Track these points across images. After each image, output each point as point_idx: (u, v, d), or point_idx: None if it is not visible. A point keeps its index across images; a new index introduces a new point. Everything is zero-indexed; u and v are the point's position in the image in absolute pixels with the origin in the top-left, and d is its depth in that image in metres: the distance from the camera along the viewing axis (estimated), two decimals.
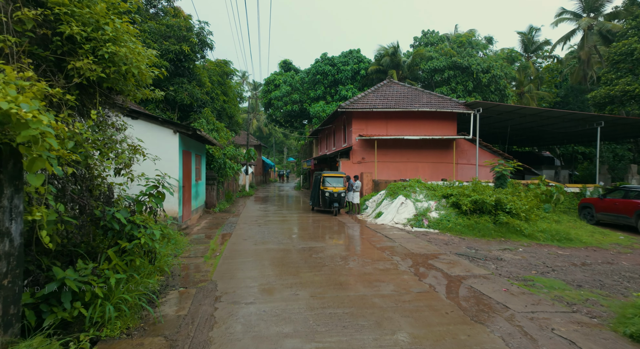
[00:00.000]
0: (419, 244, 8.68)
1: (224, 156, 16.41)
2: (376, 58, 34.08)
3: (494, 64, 30.03)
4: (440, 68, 30.43)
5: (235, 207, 17.26)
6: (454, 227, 10.68)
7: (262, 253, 7.53)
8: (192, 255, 7.29)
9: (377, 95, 19.71)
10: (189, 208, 11.26)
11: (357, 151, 18.69)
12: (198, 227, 10.92)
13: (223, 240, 9.02)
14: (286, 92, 36.08)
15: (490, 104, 17.46)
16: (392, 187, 13.77)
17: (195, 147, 12.41)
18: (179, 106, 16.34)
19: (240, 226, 11.24)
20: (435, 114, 18.88)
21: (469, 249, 8.58)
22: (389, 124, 18.93)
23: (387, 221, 11.99)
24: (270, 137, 70.63)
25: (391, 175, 18.69)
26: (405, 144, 18.75)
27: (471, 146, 19.36)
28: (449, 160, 19.18)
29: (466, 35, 34.32)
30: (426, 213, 11.78)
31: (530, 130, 23.25)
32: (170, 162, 9.80)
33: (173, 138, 9.84)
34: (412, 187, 13.29)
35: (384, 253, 7.57)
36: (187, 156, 10.94)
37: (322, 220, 12.90)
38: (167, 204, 9.75)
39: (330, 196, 14.12)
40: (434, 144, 18.97)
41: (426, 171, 18.93)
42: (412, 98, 19.38)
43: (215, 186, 15.17)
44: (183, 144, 10.44)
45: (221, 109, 19.30)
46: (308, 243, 8.61)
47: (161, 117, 9.69)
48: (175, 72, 15.14)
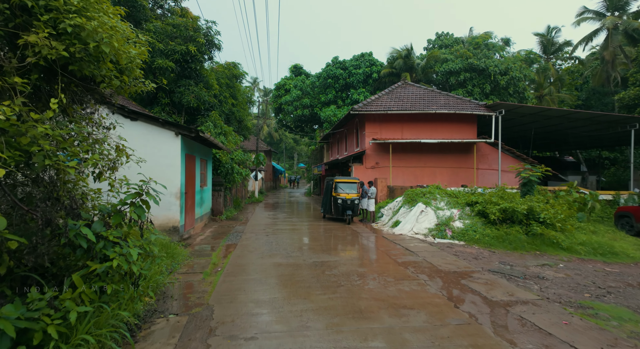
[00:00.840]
0: (446, 258, 7.69)
1: (232, 160, 15.71)
2: (389, 61, 33.24)
3: (512, 66, 28.85)
4: (456, 70, 29.41)
5: (244, 214, 16.48)
6: (482, 239, 9.64)
7: (268, 269, 6.66)
8: (190, 271, 6.47)
9: (392, 97, 18.81)
10: (192, 216, 10.50)
11: (370, 155, 17.77)
12: (202, 237, 10.14)
13: (227, 252, 8.19)
14: (297, 96, 35.48)
15: (514, 105, 16.38)
16: (410, 194, 12.79)
17: (200, 151, 11.70)
18: (186, 109, 15.74)
19: (246, 236, 10.42)
20: (454, 117, 17.87)
21: (503, 264, 7.56)
22: (404, 127, 17.99)
23: (405, 231, 11.01)
24: (280, 143, 70.23)
25: (407, 181, 17.69)
26: (422, 148, 17.75)
27: (492, 150, 18.24)
28: (468, 165, 18.09)
29: (482, 36, 33.24)
30: (449, 223, 10.77)
31: (553, 133, 21.98)
32: (171, 167, 9.08)
33: (174, 141, 9.12)
34: (432, 194, 12.30)
35: (407, 270, 6.62)
36: (190, 160, 10.22)
37: (335, 229, 11.99)
38: (168, 213, 9.03)
39: (343, 203, 13.22)
40: (453, 148, 17.93)
41: (444, 176, 17.87)
42: (429, 100, 18.41)
43: (222, 192, 14.44)
44: (186, 147, 9.72)
45: (229, 113, 18.68)
46: (320, 256, 7.72)
47: (162, 118, 9.00)
48: (181, 73, 14.57)
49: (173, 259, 6.78)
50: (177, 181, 9.09)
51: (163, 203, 9.00)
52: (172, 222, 9.07)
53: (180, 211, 9.14)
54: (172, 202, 9.04)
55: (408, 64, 31.55)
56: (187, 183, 9.91)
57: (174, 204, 9.06)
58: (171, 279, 5.81)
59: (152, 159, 9.06)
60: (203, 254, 7.84)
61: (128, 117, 8.86)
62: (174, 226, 9.07)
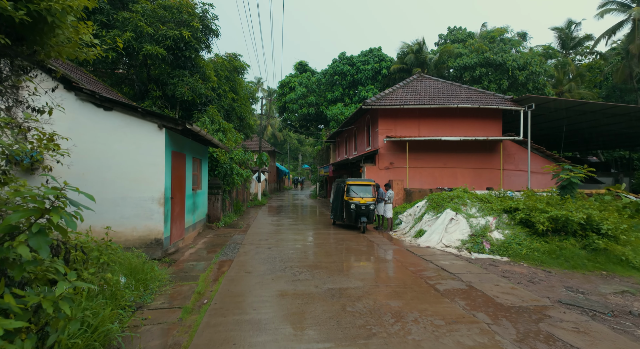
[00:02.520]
0: (498, 284, 5.99)
1: (231, 160, 14.11)
2: (399, 56, 31.56)
3: (531, 60, 27.05)
4: (471, 65, 27.70)
5: (244, 220, 14.87)
6: (530, 255, 7.92)
7: (270, 302, 5.02)
8: (165, 304, 4.84)
9: (407, 91, 17.13)
10: (181, 225, 8.89)
11: (384, 155, 16.10)
12: (192, 251, 8.52)
13: (219, 272, 6.56)
14: (302, 94, 33.90)
15: (546, 98, 14.63)
16: (434, 199, 11.09)
17: (193, 149, 10.11)
18: (180, 103, 14.17)
19: (245, 248, 8.79)
20: (476, 112, 16.15)
21: (571, 291, 5.86)
22: (421, 124, 16.29)
23: (433, 243, 9.31)
24: (284, 143, 68.70)
25: (424, 183, 15.99)
26: (441, 147, 16.05)
27: (519, 149, 16.48)
28: (493, 165, 16.35)
29: (498, 30, 31.46)
30: (485, 233, 9.06)
31: (579, 132, 20.13)
32: (152, 166, 7.48)
33: (157, 135, 7.52)
34: (461, 199, 10.60)
35: (456, 304, 4.94)
36: (179, 159, 8.62)
37: (348, 239, 10.33)
38: (149, 222, 7.43)
39: (357, 209, 11.55)
40: (476, 146, 16.20)
41: (466, 178, 16.15)
42: (449, 94, 16.71)
43: (220, 196, 12.84)
44: (172, 143, 8.12)
45: (230, 109, 17.09)
46: (336, 280, 6.06)
47: (142, 107, 7.40)
48: (175, 63, 13.00)
49: (145, 286, 5.15)
50: (159, 183, 7.49)
51: (143, 211, 7.42)
52: (155, 233, 7.47)
53: (164, 220, 7.53)
54: (153, 210, 7.44)
55: (420, 59, 29.85)
56: (175, 186, 8.30)
57: (156, 212, 7.45)
58: (135, 321, 4.18)
59: (129, 157, 7.48)
60: (188, 277, 6.21)
61: (101, 106, 7.28)
62: (157, 239, 7.46)
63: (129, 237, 7.37)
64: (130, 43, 11.36)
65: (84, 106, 7.26)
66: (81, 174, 7.18)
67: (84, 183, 7.19)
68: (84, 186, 7.52)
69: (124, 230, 7.35)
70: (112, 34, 11.33)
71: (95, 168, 7.27)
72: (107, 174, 7.30)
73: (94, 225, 7.21)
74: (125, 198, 7.36)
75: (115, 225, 7.31)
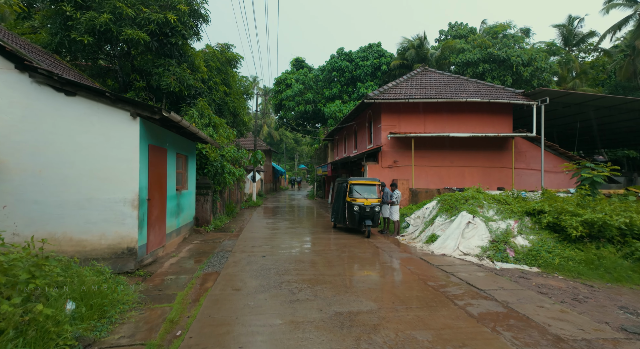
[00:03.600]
0: (543, 304, 4.91)
1: (222, 158, 12.95)
2: (399, 52, 30.56)
3: (536, 56, 26.17)
4: (474, 61, 26.79)
5: (237, 222, 13.72)
6: (564, 265, 6.87)
7: (261, 335, 3.90)
8: (124, 340, 3.71)
9: (412, 84, 16.09)
10: (161, 230, 7.73)
11: (387, 152, 15.03)
12: (173, 260, 7.38)
13: (201, 290, 5.44)
14: (299, 91, 32.76)
15: (561, 92, 13.65)
16: (447, 200, 10.02)
17: (177, 143, 8.96)
18: (167, 96, 13.00)
19: (235, 257, 7.66)
20: (486, 107, 15.14)
21: (628, 313, 4.82)
22: (427, 119, 15.25)
23: (449, 250, 8.24)
24: (281, 143, 67.52)
25: (431, 182, 14.95)
26: (448, 144, 15.01)
27: (531, 146, 15.50)
28: (503, 164, 15.34)
29: (501, 26, 30.55)
30: (508, 239, 8.01)
31: (588, 129, 19.18)
32: (124, 162, 6.33)
33: (130, 125, 6.37)
34: (477, 200, 9.55)
35: (501, 337, 3.85)
36: (158, 155, 7.47)
37: (352, 245, 9.23)
38: (120, 228, 6.28)
39: (361, 211, 10.46)
40: (485, 144, 15.19)
41: (475, 177, 15.13)
42: (456, 87, 15.68)
43: (209, 197, 11.69)
44: (150, 135, 6.97)
45: (222, 103, 15.92)
46: (344, 300, 4.97)
47: (111, 92, 6.24)
48: (160, 50, 11.83)
49: (102, 313, 4.02)
50: (133, 182, 6.34)
51: (113, 215, 6.27)
52: (127, 241, 6.31)
53: (138, 226, 6.38)
54: (126, 214, 6.29)
55: (421, 55, 28.86)
56: (153, 185, 7.15)
57: (129, 216, 6.30)
58: None
59: (97, 151, 6.30)
60: (163, 297, 5.07)
61: (61, 90, 6.12)
62: (129, 248, 6.31)
63: (96, 246, 6.22)
64: (108, 26, 10.18)
65: (42, 91, 6.09)
66: (37, 171, 6.03)
67: (41, 182, 6.05)
68: (41, 186, 6.36)
69: (89, 238, 6.20)
70: (88, 16, 10.15)
71: (55, 164, 6.11)
72: (69, 171, 6.15)
73: (53, 232, 6.08)
74: (92, 200, 6.20)
75: (79, 232, 6.17)
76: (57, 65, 9.17)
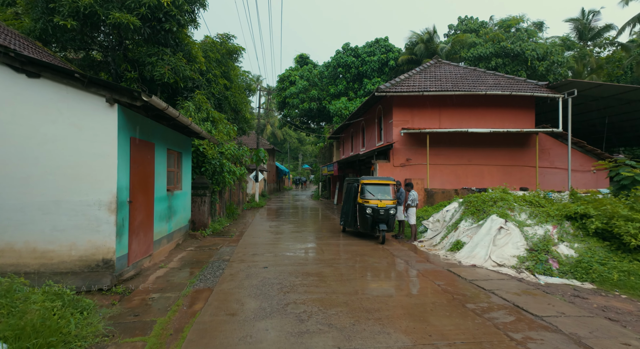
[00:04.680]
0: (628, 342, 3.80)
1: (222, 155, 11.92)
2: (407, 47, 29.42)
3: (552, 49, 24.96)
4: (486, 55, 25.65)
5: (238, 225, 12.70)
6: (625, 280, 5.75)
7: None
8: None
9: (426, 76, 14.98)
10: (147, 237, 6.70)
11: (399, 150, 13.94)
12: (161, 272, 6.34)
13: (188, 314, 4.39)
14: (303, 88, 31.69)
15: (591, 83, 12.48)
16: (472, 202, 8.91)
17: (168, 138, 7.93)
18: (162, 88, 12.01)
19: (233, 269, 6.62)
20: (506, 101, 14.00)
21: None
22: (442, 114, 14.14)
23: (479, 260, 7.14)
24: (284, 142, 66.53)
25: (446, 182, 13.84)
26: (466, 141, 13.89)
27: (555, 143, 14.33)
28: (524, 162, 14.19)
29: (514, 19, 29.30)
30: (549, 247, 6.90)
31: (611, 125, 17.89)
32: (99, 157, 5.30)
33: (107, 114, 5.34)
34: (506, 202, 8.43)
35: None
36: (143, 149, 6.44)
37: (365, 253, 8.16)
38: (94, 237, 5.26)
39: (374, 214, 9.37)
40: (505, 141, 14.05)
41: (494, 176, 13.99)
42: (474, 80, 14.55)
43: (207, 198, 10.66)
44: (132, 126, 5.94)
45: (222, 97, 14.91)
46: (367, 332, 3.91)
47: (81, 72, 5.21)
48: (153, 37, 10.83)
49: None
50: (110, 181, 5.31)
51: (85, 221, 5.24)
52: (102, 252, 5.29)
53: (116, 233, 5.35)
54: (101, 219, 5.26)
55: (430, 49, 27.72)
56: (137, 185, 6.12)
57: (105, 222, 5.28)
58: None
59: (66, 145, 5.26)
60: (137, 325, 4.03)
61: (22, 71, 5.10)
62: (105, 260, 5.28)
63: (65, 258, 5.20)
64: (93, 9, 9.19)
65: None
66: None
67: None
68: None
69: (57, 248, 5.18)
70: None
71: (14, 160, 5.10)
72: (32, 169, 5.13)
73: (12, 242, 5.06)
74: (60, 203, 5.18)
75: (44, 241, 5.15)
76: (39, 53, 8.19)
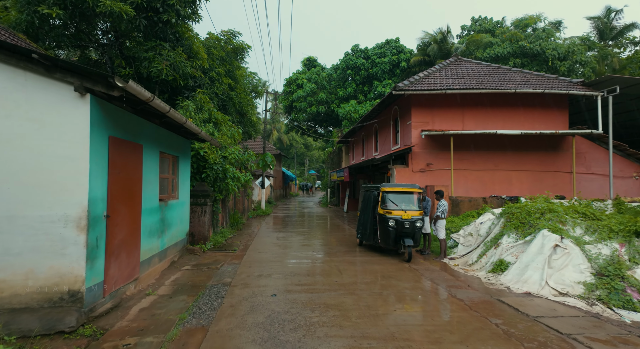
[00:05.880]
0: None
1: (225, 160, 10.81)
2: (419, 48, 28.30)
3: (574, 49, 23.67)
4: (504, 55, 24.47)
5: (242, 237, 11.54)
6: None
7: None
8: None
9: (446, 74, 13.80)
10: (131, 259, 5.54)
11: (419, 154, 12.72)
12: (146, 302, 5.18)
13: None
14: (310, 91, 30.68)
15: (637, 79, 11.17)
16: (515, 213, 7.64)
17: (160, 139, 6.83)
18: (160, 86, 10.99)
19: (234, 298, 5.43)
20: (536, 100, 12.75)
21: None
22: (465, 115, 12.92)
23: (534, 286, 5.86)
24: (290, 148, 65.54)
25: (471, 189, 12.57)
26: (491, 144, 12.64)
27: (592, 146, 13.00)
28: (557, 167, 12.87)
29: (531, 18, 28.09)
30: (621, 271, 5.61)
31: None
32: (66, 160, 4.21)
33: (76, 106, 4.25)
34: (556, 214, 7.16)
35: None
36: (126, 152, 5.32)
37: (391, 275, 6.92)
38: (59, 262, 4.15)
39: (398, 227, 8.13)
40: (536, 144, 12.77)
41: (524, 183, 12.70)
42: (500, 77, 13.34)
43: (207, 207, 9.54)
44: (112, 123, 4.83)
45: (226, 98, 13.87)
46: None
47: (43, 54, 4.13)
48: (150, 30, 9.84)
49: None
50: (80, 191, 4.20)
51: (47, 242, 4.09)
52: (68, 281, 4.16)
53: (87, 256, 4.22)
54: (67, 239, 4.15)
55: (444, 50, 26.56)
56: (117, 195, 5.00)
57: (73, 243, 4.15)
58: None
59: (23, 144, 4.11)
60: None
61: None
62: (72, 292, 4.15)
63: (19, 290, 4.07)
64: None
65: None
66: None
67: None
68: None
69: (9, 277, 4.06)
70: None
71: None
72: None
73: None
74: (14, 219, 4.08)
75: None
76: (20, 45, 7.18)
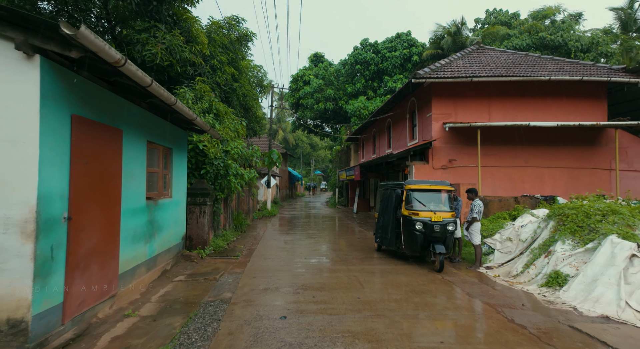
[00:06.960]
0: None
1: (227, 155, 9.74)
2: (432, 41, 27.05)
3: (599, 40, 22.28)
4: (523, 48, 23.15)
5: (246, 240, 10.45)
6: None
7: None
8: None
9: (469, 61, 12.58)
10: (106, 272, 4.45)
11: (440, 149, 11.53)
12: (123, 327, 4.09)
13: None
14: (318, 87, 29.56)
15: None
16: (569, 215, 6.43)
17: (147, 125, 5.75)
18: (156, 73, 9.95)
19: (233, 322, 4.33)
20: (571, 89, 11.49)
21: None
22: (491, 106, 11.70)
23: (609, 307, 4.66)
24: (296, 148, 64.55)
25: (499, 188, 11.35)
26: (521, 138, 11.40)
27: (634, 140, 11.70)
28: (594, 164, 11.60)
29: (549, 10, 26.70)
30: None
31: None
32: (9, 144, 3.12)
33: (21, 70, 3.18)
34: (621, 215, 5.95)
35: None
36: (98, 136, 4.24)
37: (422, 290, 5.77)
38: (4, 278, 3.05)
39: (427, 231, 6.97)
40: (569, 138, 11.51)
41: (557, 180, 11.45)
42: (529, 65, 12.10)
43: (207, 208, 8.46)
44: (75, 97, 3.74)
45: (229, 90, 12.82)
46: None
47: None
48: (143, 9, 8.80)
49: None
50: (26, 185, 3.13)
51: None
52: (7, 307, 3.08)
53: (35, 272, 3.14)
54: (6, 249, 3.07)
55: (458, 43, 25.29)
56: (84, 191, 3.91)
57: (15, 254, 3.08)
58: None
59: None
60: None
61: None
62: (12, 321, 3.07)
63: None
64: None
65: None
66: None
67: None
68: None
69: None
70: None
71: None
72: None
73: None
74: None
75: None
76: None
